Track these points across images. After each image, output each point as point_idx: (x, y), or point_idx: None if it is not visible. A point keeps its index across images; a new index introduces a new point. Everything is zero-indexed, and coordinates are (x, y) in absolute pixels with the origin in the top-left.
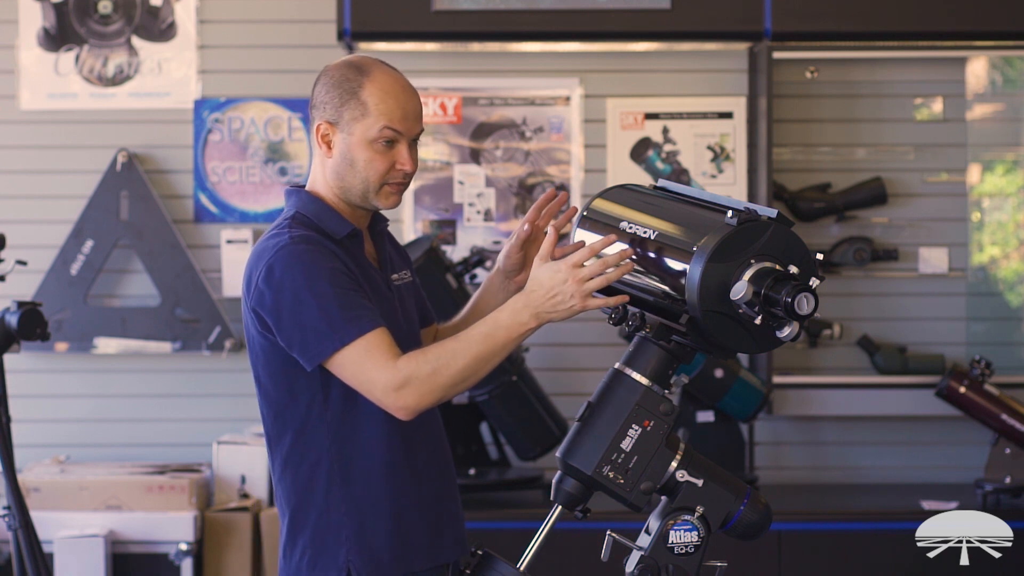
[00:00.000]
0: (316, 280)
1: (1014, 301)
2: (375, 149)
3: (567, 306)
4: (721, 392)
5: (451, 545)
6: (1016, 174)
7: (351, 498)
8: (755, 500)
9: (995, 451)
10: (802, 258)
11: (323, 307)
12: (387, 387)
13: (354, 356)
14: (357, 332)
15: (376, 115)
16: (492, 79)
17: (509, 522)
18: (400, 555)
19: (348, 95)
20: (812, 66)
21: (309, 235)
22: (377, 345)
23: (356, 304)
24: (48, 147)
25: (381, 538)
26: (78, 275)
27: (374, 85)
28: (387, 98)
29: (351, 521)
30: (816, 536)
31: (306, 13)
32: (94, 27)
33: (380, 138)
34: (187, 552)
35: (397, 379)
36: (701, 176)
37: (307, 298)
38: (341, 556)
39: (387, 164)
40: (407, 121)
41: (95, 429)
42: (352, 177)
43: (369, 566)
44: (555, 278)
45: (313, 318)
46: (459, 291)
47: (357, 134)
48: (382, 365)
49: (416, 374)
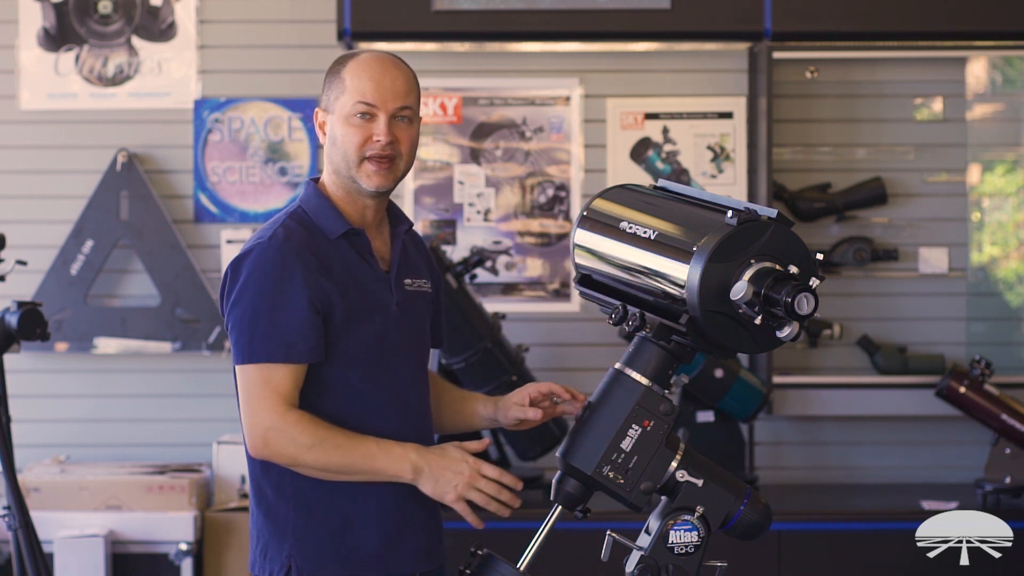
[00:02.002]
0: (261, 293)
1: (1014, 301)
2: (352, 123)
3: (442, 490)
4: (721, 392)
5: (411, 557)
6: (1016, 174)
7: (300, 496)
8: (755, 500)
9: (995, 451)
10: (802, 258)
11: (254, 319)
12: (259, 424)
13: (253, 378)
14: (265, 357)
15: (351, 91)
16: (492, 79)
17: (509, 522)
18: (344, 558)
19: (332, 77)
20: (812, 66)
21: (290, 239)
22: (279, 383)
23: (283, 331)
24: (48, 147)
25: (325, 539)
26: (78, 275)
27: (354, 64)
28: (362, 73)
29: (298, 518)
30: (816, 536)
31: (306, 13)
32: (94, 27)
33: (355, 112)
34: (187, 552)
35: (275, 425)
36: (701, 176)
37: (247, 305)
38: (285, 550)
39: (363, 136)
40: (381, 93)
41: (95, 429)
42: (335, 155)
43: (310, 565)
44: (457, 466)
45: (243, 324)
46: (459, 291)
47: (337, 112)
48: (271, 406)
49: (293, 437)
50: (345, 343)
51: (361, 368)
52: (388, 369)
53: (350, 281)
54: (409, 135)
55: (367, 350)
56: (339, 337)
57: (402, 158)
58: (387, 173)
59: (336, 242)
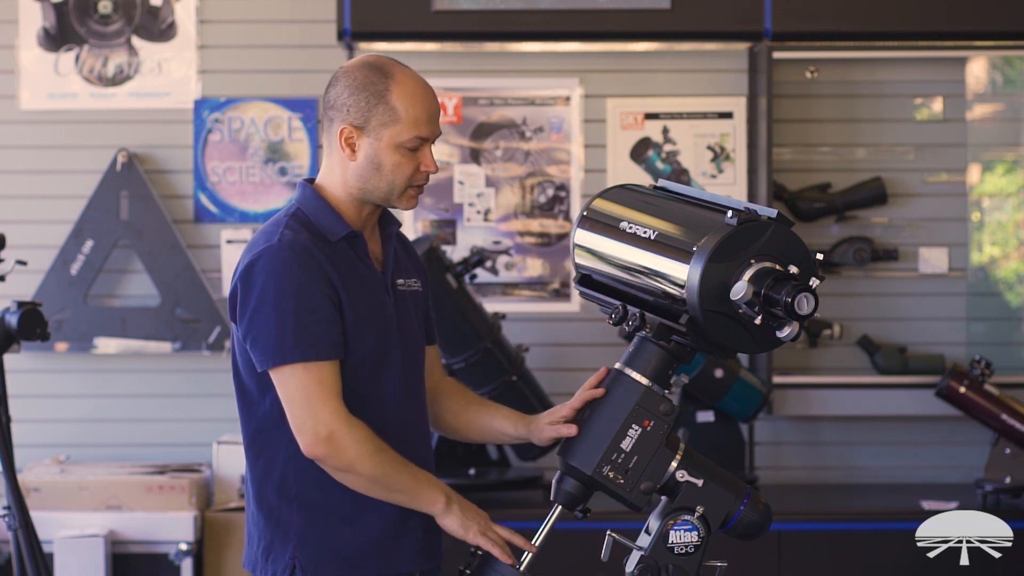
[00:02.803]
0: (284, 293)
1: (1014, 301)
2: (403, 154)
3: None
4: (721, 392)
5: (412, 555)
6: (1016, 174)
7: (303, 497)
8: (755, 500)
9: (995, 451)
10: (802, 258)
11: (280, 321)
12: (324, 424)
13: (302, 379)
14: (301, 356)
15: (407, 121)
16: (492, 79)
17: (509, 522)
18: (348, 559)
19: (376, 99)
20: (812, 66)
21: (298, 239)
22: (331, 381)
23: (313, 329)
24: (48, 147)
25: (329, 540)
26: (78, 275)
27: (401, 89)
28: (416, 103)
29: (301, 519)
30: (816, 536)
31: (306, 13)
32: (94, 27)
33: (410, 144)
34: (187, 552)
35: (340, 428)
36: (701, 176)
37: (269, 308)
38: (288, 552)
39: (413, 167)
40: (433, 125)
41: (95, 429)
42: (378, 180)
43: (314, 566)
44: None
45: (268, 328)
46: (459, 291)
47: (385, 139)
48: (333, 407)
49: (361, 441)
50: (352, 344)
51: (365, 369)
52: (388, 370)
53: (354, 284)
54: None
55: (371, 352)
56: (349, 338)
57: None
58: (420, 195)
59: (336, 244)
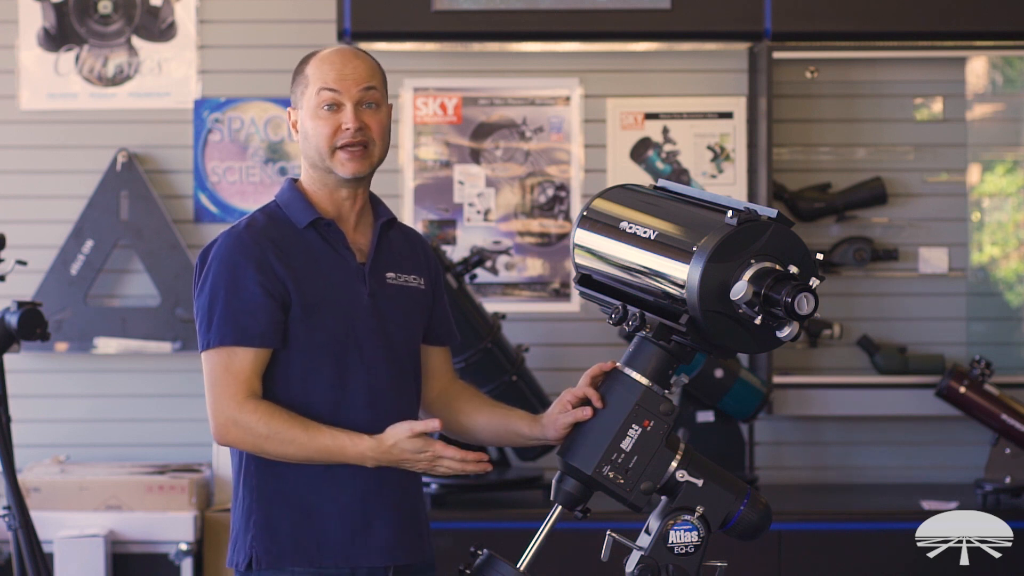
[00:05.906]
0: (219, 280)
1: (1014, 301)
2: (319, 116)
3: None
4: (721, 392)
5: (378, 550)
6: (1016, 174)
7: (262, 487)
8: (755, 500)
9: (995, 451)
10: (802, 258)
11: (211, 307)
12: (221, 412)
13: (214, 364)
14: (218, 341)
15: (313, 80)
16: (492, 79)
17: (509, 522)
18: (305, 550)
19: (298, 75)
20: (812, 66)
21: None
22: (238, 368)
23: (236, 315)
24: (48, 147)
25: (286, 531)
26: (78, 275)
27: (316, 59)
28: (323, 64)
29: (260, 508)
30: (816, 536)
31: (306, 13)
32: (94, 27)
33: (320, 102)
34: (187, 552)
35: (233, 415)
36: (701, 176)
37: (205, 294)
38: (247, 541)
39: (332, 127)
40: (343, 81)
41: (95, 429)
42: (309, 149)
43: (270, 555)
44: (417, 456)
45: (201, 314)
46: (459, 291)
47: (305, 107)
48: (231, 393)
49: (251, 427)
50: (308, 331)
51: (329, 357)
52: (360, 360)
53: (313, 270)
54: (378, 120)
55: (333, 340)
56: (302, 325)
57: (375, 144)
58: (361, 160)
59: (304, 232)
